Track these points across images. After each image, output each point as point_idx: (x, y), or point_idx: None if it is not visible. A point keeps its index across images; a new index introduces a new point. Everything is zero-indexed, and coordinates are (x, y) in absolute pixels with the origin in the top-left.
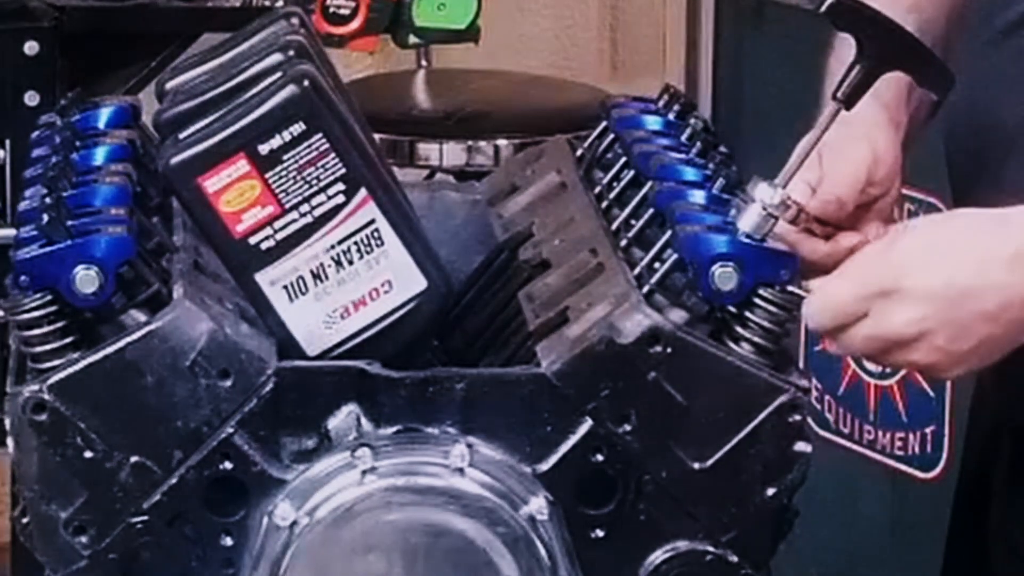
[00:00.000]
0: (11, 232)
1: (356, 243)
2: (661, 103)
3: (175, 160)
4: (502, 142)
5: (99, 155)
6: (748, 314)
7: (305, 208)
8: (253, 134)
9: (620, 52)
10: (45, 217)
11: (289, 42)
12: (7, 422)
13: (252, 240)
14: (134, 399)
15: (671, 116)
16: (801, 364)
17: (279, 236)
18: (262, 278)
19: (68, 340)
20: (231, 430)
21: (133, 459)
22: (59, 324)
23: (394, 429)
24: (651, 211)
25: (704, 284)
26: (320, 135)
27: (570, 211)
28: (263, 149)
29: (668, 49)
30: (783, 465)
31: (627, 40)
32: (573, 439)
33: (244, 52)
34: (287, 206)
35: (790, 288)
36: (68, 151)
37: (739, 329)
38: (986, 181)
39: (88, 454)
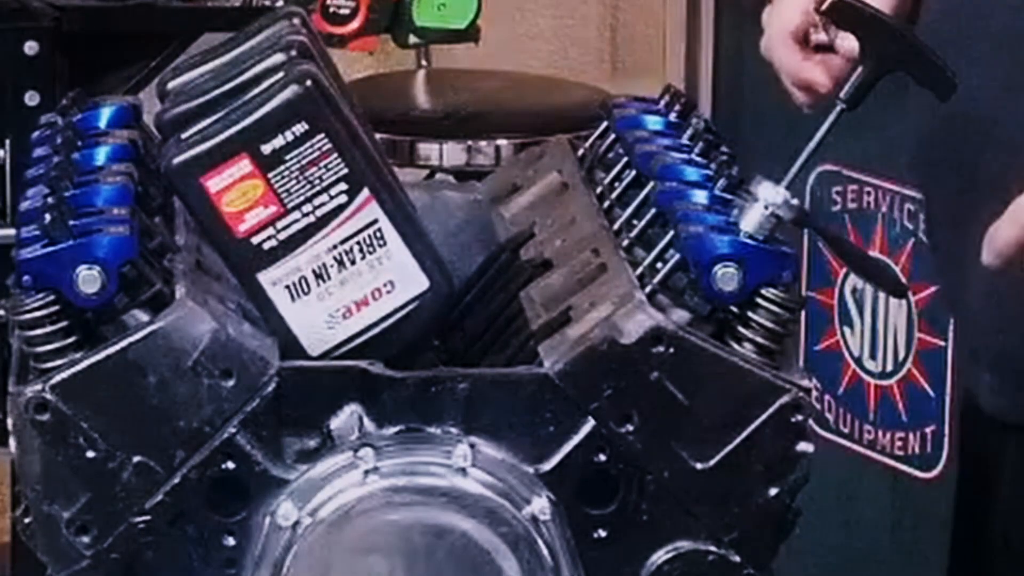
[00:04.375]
0: (12, 232)
1: (358, 243)
2: (662, 103)
3: (177, 160)
4: (502, 142)
5: (101, 155)
6: (750, 314)
7: (307, 208)
8: (256, 134)
9: (620, 52)
10: (47, 217)
11: (291, 42)
12: (9, 422)
13: (254, 240)
14: (136, 399)
15: (672, 116)
16: (801, 364)
17: (281, 236)
18: (264, 278)
19: (70, 340)
20: (233, 430)
21: (135, 459)
22: (61, 324)
23: (396, 429)
24: (653, 211)
25: (706, 284)
26: (323, 135)
27: (572, 211)
28: (266, 149)
29: (668, 49)
30: (785, 465)
31: (627, 40)
32: (575, 439)
33: (246, 52)
34: (289, 206)
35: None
36: (69, 151)
37: (741, 329)
38: (962, 174)
39: (90, 454)
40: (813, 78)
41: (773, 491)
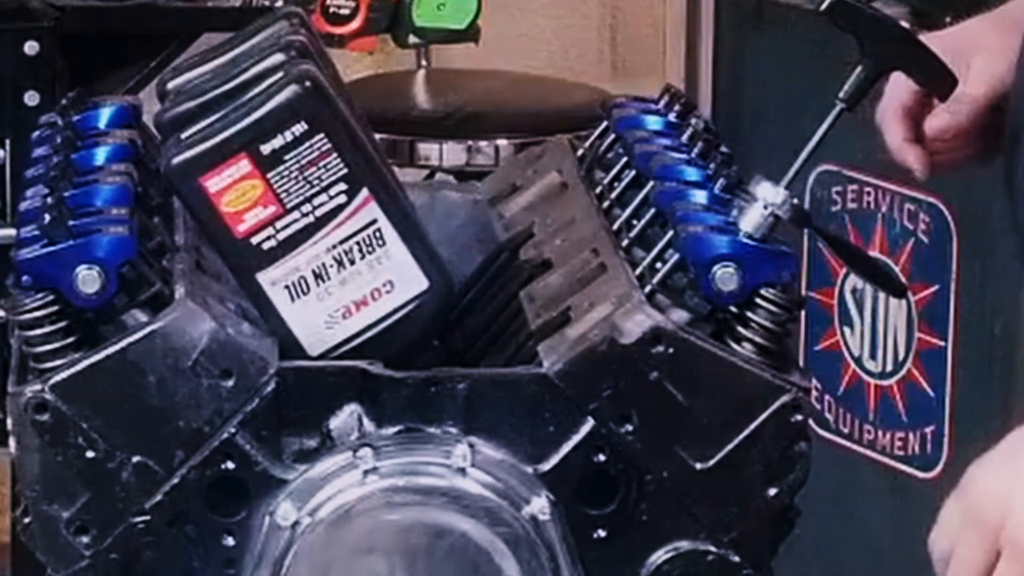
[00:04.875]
0: (12, 232)
1: (358, 243)
2: (662, 103)
3: (177, 160)
4: (502, 142)
5: (100, 155)
6: (749, 314)
7: (307, 208)
8: (255, 134)
9: (620, 52)
10: (47, 217)
11: (290, 42)
12: (9, 422)
13: (254, 240)
14: (136, 399)
15: (672, 116)
16: (801, 364)
17: (281, 236)
18: (264, 278)
19: (70, 340)
20: (233, 430)
21: (135, 459)
22: (61, 324)
23: (396, 429)
24: (652, 211)
25: (705, 284)
26: (322, 135)
27: (571, 211)
28: (265, 149)
29: (668, 49)
30: (785, 465)
31: (627, 40)
32: (575, 439)
33: (245, 52)
34: (289, 206)
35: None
36: (69, 151)
37: (740, 329)
38: None
39: (90, 454)
40: (909, 164)
41: (772, 491)
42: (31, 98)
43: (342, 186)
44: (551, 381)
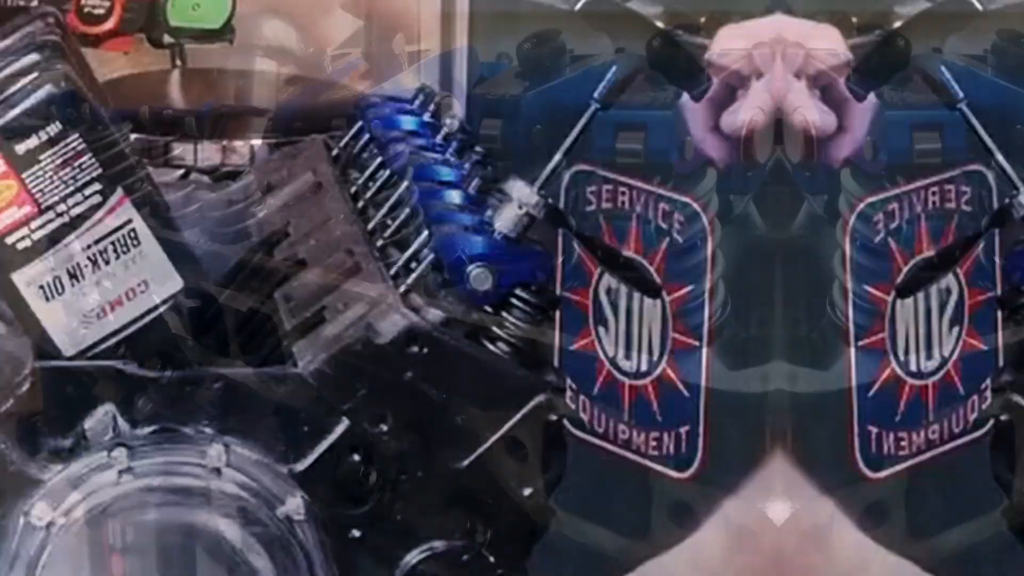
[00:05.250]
0: None
1: (113, 243)
2: (416, 103)
3: None
4: (257, 142)
5: None
6: (504, 314)
7: (62, 208)
8: (9, 134)
9: (375, 52)
10: None
11: (45, 42)
12: None
13: (9, 240)
14: None
15: (426, 116)
16: (556, 364)
17: (36, 236)
18: (19, 278)
19: None
20: None
21: None
22: None
23: (151, 429)
24: (407, 211)
25: (460, 284)
26: (77, 135)
27: (326, 211)
28: (20, 149)
29: (422, 49)
30: (540, 465)
31: (381, 40)
32: (330, 439)
33: None
34: (44, 206)
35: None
36: None
37: (496, 329)
38: None
39: None
40: (707, 152)
41: (528, 491)
42: None
43: (97, 186)
44: (305, 381)
